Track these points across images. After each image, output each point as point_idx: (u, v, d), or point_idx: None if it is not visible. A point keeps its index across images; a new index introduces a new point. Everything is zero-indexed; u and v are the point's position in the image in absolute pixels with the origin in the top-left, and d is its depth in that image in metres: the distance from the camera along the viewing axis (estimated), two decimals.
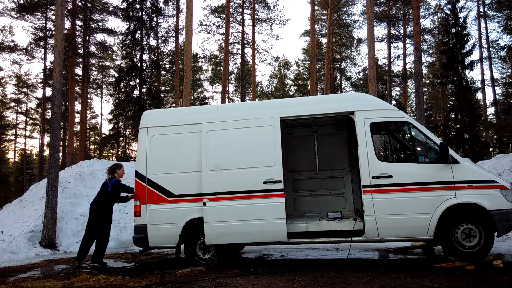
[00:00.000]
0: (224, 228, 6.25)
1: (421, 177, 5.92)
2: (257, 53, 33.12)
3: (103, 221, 7.43)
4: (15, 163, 48.45)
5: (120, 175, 7.72)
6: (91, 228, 7.41)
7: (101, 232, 7.41)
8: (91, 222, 7.44)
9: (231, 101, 40.66)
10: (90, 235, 7.43)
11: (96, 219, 7.40)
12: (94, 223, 7.40)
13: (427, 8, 32.38)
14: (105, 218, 7.45)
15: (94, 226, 7.40)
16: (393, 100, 34.46)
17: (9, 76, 40.93)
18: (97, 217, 7.39)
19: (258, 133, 6.46)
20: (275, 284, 5.22)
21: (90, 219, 7.50)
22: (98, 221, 7.39)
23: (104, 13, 29.69)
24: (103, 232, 7.44)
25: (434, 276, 5.28)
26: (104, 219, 7.44)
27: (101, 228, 7.40)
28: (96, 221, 7.39)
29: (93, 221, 7.41)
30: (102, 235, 7.43)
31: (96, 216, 7.40)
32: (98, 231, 7.39)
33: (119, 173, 7.71)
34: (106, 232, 7.49)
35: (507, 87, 29.24)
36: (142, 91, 25.01)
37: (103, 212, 7.42)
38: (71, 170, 13.61)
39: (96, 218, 7.40)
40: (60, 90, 11.30)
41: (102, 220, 7.41)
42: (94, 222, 7.40)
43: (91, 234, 7.41)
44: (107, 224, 7.49)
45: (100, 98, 46.35)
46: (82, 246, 7.41)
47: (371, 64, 14.72)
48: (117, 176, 7.66)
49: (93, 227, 7.40)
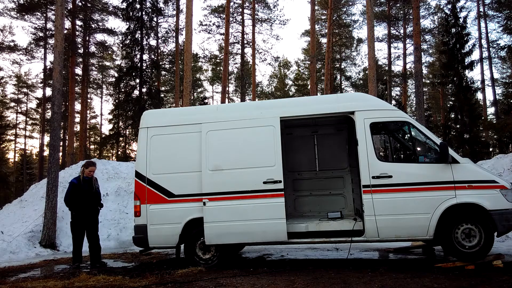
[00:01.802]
0: (224, 228, 6.24)
1: (421, 177, 5.92)
2: (257, 53, 33.14)
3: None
4: (15, 163, 48.46)
5: (86, 174, 7.44)
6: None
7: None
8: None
9: (231, 101, 40.66)
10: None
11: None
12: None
13: (427, 8, 32.43)
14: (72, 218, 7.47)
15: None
16: (393, 100, 34.47)
17: (9, 76, 41.08)
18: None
19: (258, 133, 6.46)
20: (275, 284, 5.22)
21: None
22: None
23: (104, 13, 29.67)
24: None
25: (434, 276, 5.28)
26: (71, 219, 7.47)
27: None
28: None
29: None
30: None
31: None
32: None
33: (86, 172, 7.45)
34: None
35: (507, 87, 29.30)
36: (142, 91, 25.03)
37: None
38: (71, 170, 13.61)
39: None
40: (60, 90, 11.30)
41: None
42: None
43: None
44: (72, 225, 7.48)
45: (100, 98, 46.42)
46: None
47: (371, 64, 14.72)
48: (85, 174, 7.44)
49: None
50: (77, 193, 7.26)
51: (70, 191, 7.29)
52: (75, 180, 7.37)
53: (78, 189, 7.28)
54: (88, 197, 7.36)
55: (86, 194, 7.34)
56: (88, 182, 7.42)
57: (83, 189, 7.31)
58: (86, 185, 7.38)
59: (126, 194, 12.24)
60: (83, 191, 7.31)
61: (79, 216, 7.32)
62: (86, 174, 7.41)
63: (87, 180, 7.41)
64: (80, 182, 7.33)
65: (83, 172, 7.44)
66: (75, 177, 7.51)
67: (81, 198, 7.28)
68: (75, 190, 7.26)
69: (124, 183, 12.81)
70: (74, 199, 7.25)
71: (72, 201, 7.27)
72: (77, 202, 7.27)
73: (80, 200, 7.27)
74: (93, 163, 7.69)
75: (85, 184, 7.37)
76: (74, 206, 7.29)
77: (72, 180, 7.42)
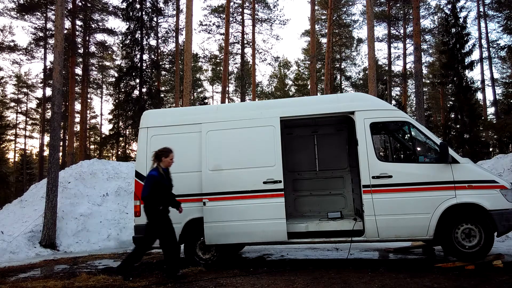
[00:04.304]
0: (224, 228, 6.24)
1: (421, 177, 5.92)
2: (257, 53, 33.15)
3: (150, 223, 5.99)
4: (15, 163, 48.47)
5: (167, 163, 6.02)
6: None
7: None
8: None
9: (231, 101, 40.65)
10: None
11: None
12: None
13: (427, 8, 32.40)
14: (151, 219, 5.95)
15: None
16: (393, 100, 34.45)
17: (9, 76, 41.06)
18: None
19: (258, 133, 6.46)
20: (275, 284, 5.22)
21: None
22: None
23: (104, 13, 29.67)
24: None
25: (434, 276, 5.28)
26: (150, 219, 5.96)
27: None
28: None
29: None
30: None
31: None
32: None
33: (166, 161, 6.00)
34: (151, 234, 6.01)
35: (507, 87, 29.29)
36: (142, 91, 25.03)
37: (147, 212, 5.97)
38: (71, 170, 13.61)
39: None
40: (60, 90, 11.30)
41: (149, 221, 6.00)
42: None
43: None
44: (154, 226, 5.94)
45: (100, 98, 46.39)
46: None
47: (371, 64, 14.72)
48: (162, 166, 5.98)
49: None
50: (158, 188, 5.86)
51: (151, 185, 5.83)
52: (155, 172, 5.88)
53: (160, 182, 5.86)
54: (170, 192, 6.08)
55: (168, 188, 6.03)
56: (166, 174, 6.05)
57: (164, 182, 5.93)
58: (166, 177, 6.02)
59: (126, 194, 12.24)
60: (165, 184, 5.94)
61: (164, 213, 5.95)
62: (167, 164, 6.01)
63: (165, 171, 6.03)
64: (161, 174, 5.92)
65: (159, 162, 5.96)
66: (153, 169, 5.95)
67: (165, 193, 5.95)
68: (157, 184, 5.84)
69: (124, 183, 12.81)
70: (156, 194, 5.85)
71: (154, 196, 5.85)
72: (161, 198, 5.91)
73: (164, 195, 5.95)
74: (171, 150, 6.10)
75: (165, 176, 6.01)
76: (158, 203, 5.88)
77: (151, 172, 5.91)
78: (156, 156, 6.00)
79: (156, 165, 5.96)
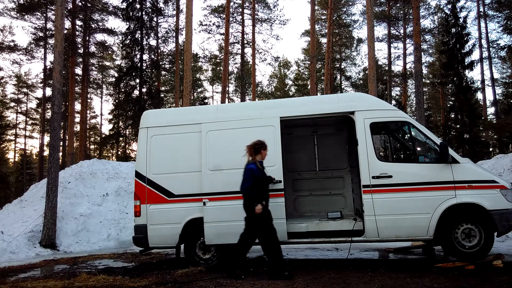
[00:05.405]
0: (224, 228, 6.24)
1: (421, 177, 5.92)
2: (257, 53, 33.15)
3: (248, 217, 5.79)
4: (15, 163, 48.47)
5: (263, 156, 5.90)
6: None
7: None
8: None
9: (231, 101, 40.65)
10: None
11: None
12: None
13: (427, 8, 32.40)
14: (249, 214, 5.76)
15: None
16: (393, 100, 34.45)
17: (9, 76, 41.03)
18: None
19: (258, 133, 6.44)
20: (275, 284, 5.22)
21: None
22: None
23: (104, 13, 29.67)
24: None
25: (434, 276, 5.28)
26: (250, 215, 5.75)
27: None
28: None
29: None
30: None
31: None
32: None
33: (264, 154, 5.89)
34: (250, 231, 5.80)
35: (507, 87, 29.27)
36: (142, 91, 25.05)
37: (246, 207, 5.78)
38: (71, 170, 13.62)
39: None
40: (60, 90, 11.30)
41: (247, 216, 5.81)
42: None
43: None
44: (252, 221, 5.73)
45: (100, 98, 46.39)
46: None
47: (371, 64, 14.72)
48: (259, 159, 5.84)
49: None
50: (258, 182, 5.73)
51: (251, 178, 5.67)
52: (253, 165, 5.74)
53: (259, 176, 5.76)
54: (268, 186, 5.97)
55: (266, 182, 5.96)
56: (262, 167, 5.94)
57: (264, 176, 5.87)
58: (262, 170, 5.90)
59: (126, 194, 12.24)
60: (264, 178, 5.87)
61: (264, 208, 5.68)
62: (263, 156, 5.92)
63: (261, 165, 5.91)
64: (259, 168, 5.80)
65: (254, 155, 5.82)
66: (250, 163, 5.79)
67: (263, 187, 5.84)
68: (257, 178, 5.72)
69: (124, 183, 12.81)
70: (255, 188, 5.69)
71: (253, 190, 5.67)
72: (259, 192, 5.72)
73: (263, 189, 5.81)
74: (263, 143, 5.95)
75: (262, 169, 5.90)
76: (257, 197, 5.65)
77: (250, 166, 5.75)
78: (254, 149, 5.83)
79: (253, 159, 5.81)
